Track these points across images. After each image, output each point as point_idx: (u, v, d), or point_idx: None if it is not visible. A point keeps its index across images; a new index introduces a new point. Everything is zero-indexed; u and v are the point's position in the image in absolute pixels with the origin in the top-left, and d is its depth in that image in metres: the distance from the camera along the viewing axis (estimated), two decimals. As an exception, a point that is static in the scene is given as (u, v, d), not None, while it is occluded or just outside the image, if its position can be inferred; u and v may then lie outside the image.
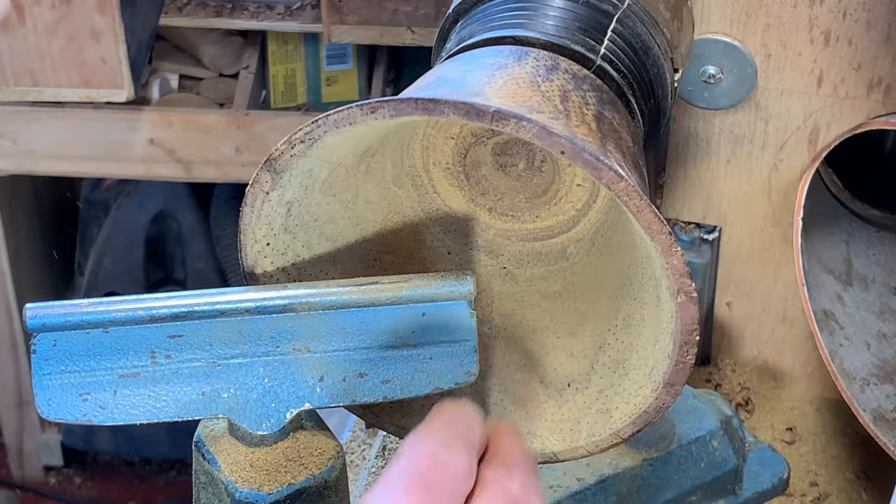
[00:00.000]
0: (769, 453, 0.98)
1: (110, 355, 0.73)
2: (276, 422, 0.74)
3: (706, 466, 0.94)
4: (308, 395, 0.74)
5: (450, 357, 0.74)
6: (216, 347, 0.73)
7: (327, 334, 0.74)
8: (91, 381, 0.73)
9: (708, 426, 0.94)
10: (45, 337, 0.72)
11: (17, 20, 1.73)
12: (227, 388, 0.74)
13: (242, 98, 2.06)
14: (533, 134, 0.67)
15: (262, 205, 0.74)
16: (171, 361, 0.73)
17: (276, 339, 0.74)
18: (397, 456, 0.63)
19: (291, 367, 0.74)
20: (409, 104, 0.68)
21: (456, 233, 0.87)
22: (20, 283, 2.17)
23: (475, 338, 0.74)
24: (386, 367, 0.74)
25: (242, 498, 0.73)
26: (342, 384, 0.74)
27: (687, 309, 0.70)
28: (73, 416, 0.73)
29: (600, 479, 0.90)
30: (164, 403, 0.73)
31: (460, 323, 0.74)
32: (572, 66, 0.80)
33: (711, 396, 0.97)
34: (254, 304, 0.73)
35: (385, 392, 0.74)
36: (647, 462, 0.92)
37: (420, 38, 1.93)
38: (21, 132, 1.96)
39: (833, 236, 1.09)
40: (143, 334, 0.73)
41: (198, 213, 2.24)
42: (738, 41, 1.00)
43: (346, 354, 0.74)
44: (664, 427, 0.93)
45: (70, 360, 0.73)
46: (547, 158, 0.85)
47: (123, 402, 0.73)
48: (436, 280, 0.74)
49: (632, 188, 0.68)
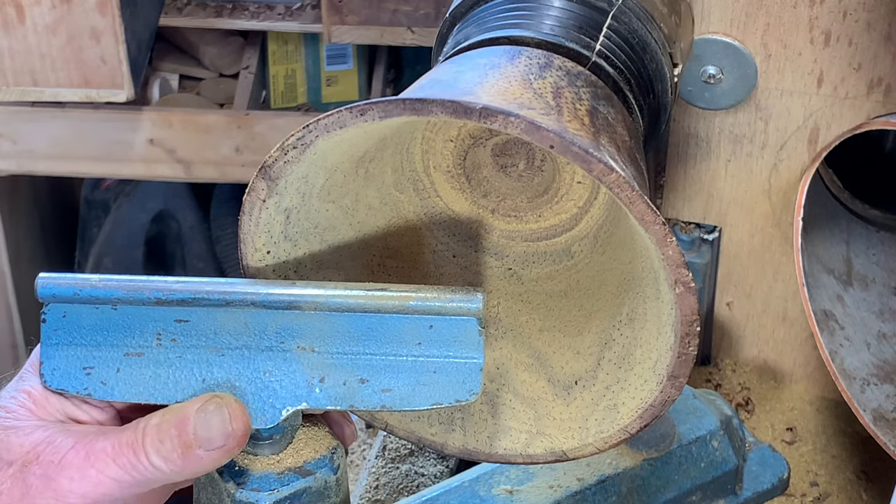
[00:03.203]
0: (769, 453, 0.98)
1: (117, 333, 0.73)
2: (270, 418, 0.74)
3: (706, 466, 0.94)
4: (306, 395, 0.74)
5: (454, 373, 0.74)
6: (221, 336, 0.74)
7: (332, 336, 0.74)
8: (96, 355, 0.74)
9: (708, 426, 0.94)
10: (55, 307, 0.73)
11: (18, 20, 1.73)
12: (226, 377, 0.74)
13: (242, 98, 2.06)
14: (521, 129, 0.67)
15: (260, 213, 0.74)
16: (175, 345, 0.74)
17: (281, 335, 0.74)
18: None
19: (293, 364, 0.74)
20: (397, 105, 0.68)
21: (460, 236, 0.87)
22: (20, 283, 2.17)
23: (482, 356, 0.74)
24: (388, 376, 0.74)
25: (242, 498, 0.73)
26: (342, 388, 0.74)
27: (685, 299, 0.70)
28: (75, 388, 0.74)
29: (600, 479, 0.90)
30: (163, 386, 0.74)
31: (468, 339, 0.73)
32: (566, 63, 0.80)
33: (711, 396, 0.97)
34: (260, 297, 0.73)
35: (384, 401, 0.74)
36: (648, 462, 0.92)
37: (420, 38, 1.92)
38: (21, 132, 1.96)
39: (833, 236, 1.09)
40: (150, 315, 0.73)
41: (198, 213, 2.24)
42: (738, 41, 1.00)
43: (350, 358, 0.74)
44: (664, 427, 0.93)
45: (78, 333, 0.73)
46: (547, 157, 0.85)
47: (125, 381, 0.74)
48: (445, 293, 0.73)
49: (623, 180, 0.68)
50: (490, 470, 0.92)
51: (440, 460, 1.07)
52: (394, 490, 1.04)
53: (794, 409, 1.16)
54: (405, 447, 1.07)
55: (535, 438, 0.81)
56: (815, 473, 1.11)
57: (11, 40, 1.75)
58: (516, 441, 0.81)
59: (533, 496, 0.90)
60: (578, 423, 0.80)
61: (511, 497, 0.90)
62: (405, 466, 1.06)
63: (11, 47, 1.75)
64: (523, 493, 0.90)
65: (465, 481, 0.91)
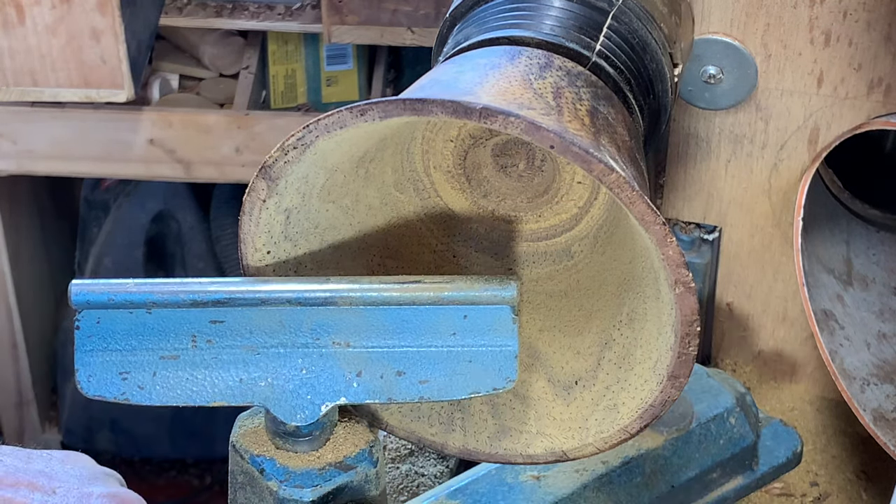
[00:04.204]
0: (781, 428, 0.99)
1: (152, 336, 0.74)
2: (310, 414, 0.74)
3: (725, 443, 0.95)
4: (344, 389, 0.74)
5: (490, 361, 0.74)
6: (256, 335, 0.74)
7: (367, 330, 0.74)
8: (132, 360, 0.74)
9: (725, 404, 0.96)
10: (89, 314, 0.73)
11: (18, 20, 1.73)
12: (264, 376, 0.74)
13: (242, 98, 2.06)
14: (521, 129, 0.67)
15: (260, 213, 0.74)
16: (211, 346, 0.74)
17: (316, 332, 0.74)
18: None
19: (330, 360, 0.74)
20: (397, 105, 0.68)
21: (460, 236, 0.87)
22: (20, 283, 2.17)
23: (517, 343, 0.74)
24: (424, 367, 0.74)
25: (286, 496, 0.73)
26: (379, 381, 0.74)
27: (685, 300, 0.70)
28: (112, 394, 0.74)
29: (625, 461, 0.92)
30: (201, 388, 0.74)
31: (502, 327, 0.74)
32: (566, 63, 0.80)
33: (723, 375, 0.99)
34: (295, 294, 0.73)
35: (422, 392, 0.74)
36: (669, 442, 0.93)
37: (420, 38, 1.92)
38: (21, 132, 1.96)
39: (833, 236, 1.09)
40: (185, 318, 0.73)
41: (198, 213, 2.24)
42: (738, 41, 1.00)
43: (385, 352, 0.74)
44: (682, 406, 0.94)
45: (112, 339, 0.74)
46: (547, 157, 0.85)
47: (162, 384, 0.74)
48: (479, 283, 0.74)
49: (623, 180, 0.68)
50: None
51: (440, 460, 1.07)
52: (394, 490, 1.04)
53: (794, 409, 1.16)
54: (405, 447, 1.07)
55: (535, 438, 0.81)
56: (815, 473, 1.11)
57: (11, 40, 1.74)
58: (516, 441, 0.81)
59: (560, 481, 0.90)
60: (578, 423, 0.80)
61: (538, 483, 0.90)
62: (405, 466, 1.06)
63: (11, 47, 1.75)
64: (550, 478, 0.91)
65: (491, 469, 0.92)
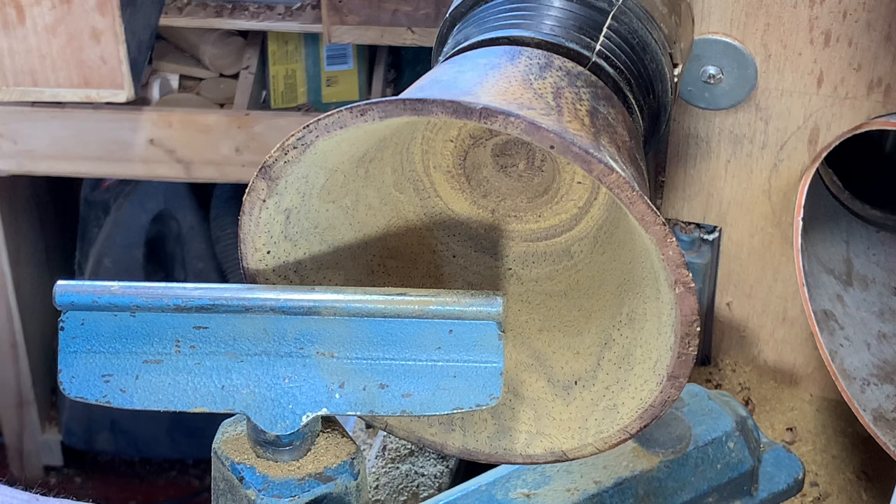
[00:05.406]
0: (783, 454, 0.98)
1: (136, 340, 0.73)
2: (291, 423, 0.74)
3: (722, 468, 0.93)
4: (326, 400, 0.74)
5: (474, 377, 0.74)
6: (240, 342, 0.74)
7: (352, 341, 0.73)
8: (115, 363, 0.74)
9: (724, 427, 0.94)
10: (73, 315, 0.73)
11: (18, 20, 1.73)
12: (246, 384, 0.74)
13: (242, 98, 2.06)
14: (521, 129, 0.67)
15: (260, 213, 0.74)
16: (194, 352, 0.74)
17: (300, 341, 0.74)
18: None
19: (313, 370, 0.74)
20: (397, 105, 0.68)
21: (460, 236, 0.87)
22: (20, 283, 2.17)
23: (502, 360, 0.74)
24: (408, 381, 0.74)
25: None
26: (362, 393, 0.74)
27: (685, 300, 0.70)
28: (94, 395, 0.74)
29: (618, 482, 0.90)
30: (183, 393, 0.74)
31: (488, 343, 0.73)
32: (566, 63, 0.80)
33: (725, 398, 0.97)
34: (280, 303, 0.73)
35: (404, 406, 0.74)
36: (664, 464, 0.91)
37: (420, 38, 1.92)
38: (21, 132, 1.96)
39: (833, 236, 1.09)
40: (169, 322, 0.73)
41: (198, 213, 2.24)
42: (738, 41, 1.00)
43: (369, 364, 0.74)
44: (680, 428, 0.93)
45: (96, 341, 0.73)
46: (547, 157, 0.85)
47: (144, 388, 0.74)
48: (465, 298, 0.73)
49: (623, 180, 0.68)
50: (507, 473, 0.91)
51: (440, 460, 1.07)
52: (394, 490, 1.04)
53: (794, 409, 1.16)
54: (405, 447, 1.07)
55: (535, 438, 0.81)
56: (815, 473, 1.11)
57: (11, 40, 1.74)
58: (516, 441, 0.81)
59: (550, 500, 0.89)
60: (578, 423, 0.80)
61: (528, 501, 0.89)
62: (405, 466, 1.06)
63: (11, 47, 1.75)
64: (540, 496, 0.90)
65: (481, 485, 0.91)
